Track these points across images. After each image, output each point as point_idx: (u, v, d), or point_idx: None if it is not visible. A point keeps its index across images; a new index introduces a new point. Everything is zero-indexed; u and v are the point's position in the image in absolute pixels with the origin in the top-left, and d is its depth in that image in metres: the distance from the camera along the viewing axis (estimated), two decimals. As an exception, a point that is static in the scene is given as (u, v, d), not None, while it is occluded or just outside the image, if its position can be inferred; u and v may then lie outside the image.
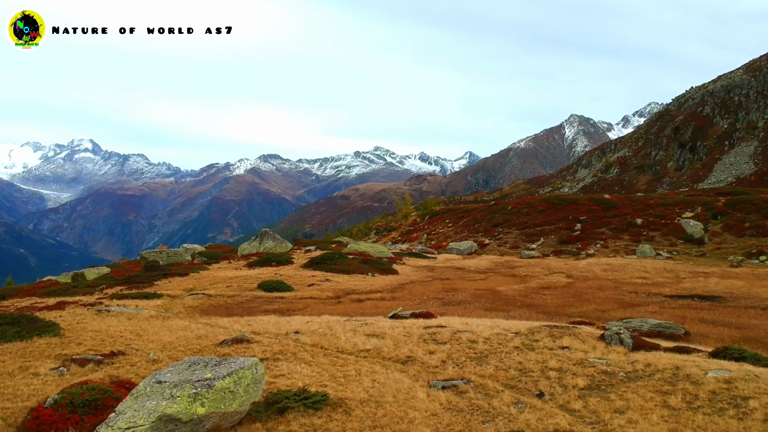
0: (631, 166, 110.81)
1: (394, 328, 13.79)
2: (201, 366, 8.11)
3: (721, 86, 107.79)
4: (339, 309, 18.89)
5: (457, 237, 46.03)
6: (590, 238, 38.25)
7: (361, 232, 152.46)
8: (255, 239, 34.53)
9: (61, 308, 17.41)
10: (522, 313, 18.43)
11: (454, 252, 40.28)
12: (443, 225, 54.64)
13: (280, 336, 13.17)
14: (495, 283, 25.50)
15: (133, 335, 13.17)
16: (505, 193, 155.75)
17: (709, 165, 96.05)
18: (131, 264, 33.17)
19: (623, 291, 23.18)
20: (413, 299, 21.10)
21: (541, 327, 13.65)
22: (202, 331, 13.75)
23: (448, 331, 13.25)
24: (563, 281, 26.10)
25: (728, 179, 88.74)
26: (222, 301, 20.40)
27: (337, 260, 28.13)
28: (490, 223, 45.81)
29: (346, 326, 14.18)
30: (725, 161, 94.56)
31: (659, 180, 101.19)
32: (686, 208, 39.93)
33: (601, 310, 18.80)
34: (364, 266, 27.81)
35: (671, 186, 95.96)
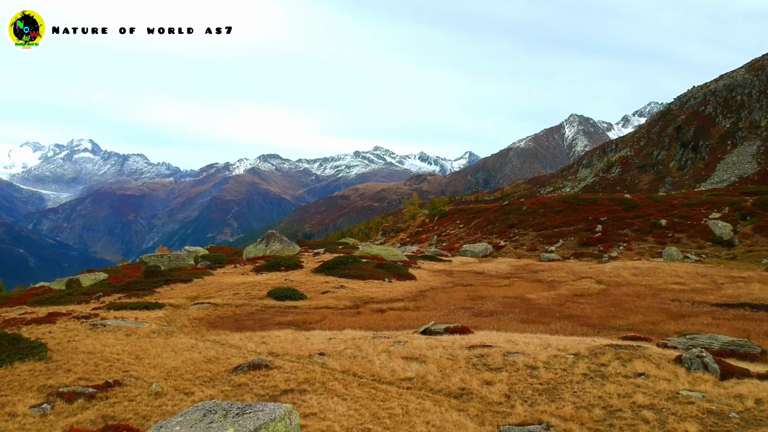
0: (633, 166, 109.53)
1: (433, 348, 11.97)
2: (219, 417, 6.27)
3: (723, 85, 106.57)
4: (360, 321, 17.05)
5: (470, 239, 44.16)
6: (612, 240, 36.41)
7: (361, 232, 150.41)
8: (261, 242, 32.66)
9: (52, 321, 15.57)
10: (564, 326, 16.62)
11: (468, 254, 38.45)
12: (454, 226, 52.55)
13: (302, 359, 11.34)
14: (522, 290, 23.65)
15: (131, 357, 11.33)
16: (506, 192, 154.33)
17: (711, 164, 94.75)
18: (130, 268, 31.26)
19: (664, 299, 21.35)
20: (439, 309, 19.26)
21: (603, 347, 11.83)
22: (211, 351, 11.91)
23: (496, 352, 11.43)
24: (595, 287, 24.26)
25: (731, 179, 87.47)
26: (230, 311, 18.55)
27: (350, 265, 26.27)
28: (504, 224, 43.96)
29: (376, 345, 12.35)
30: (728, 161, 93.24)
31: (661, 180, 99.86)
32: (712, 209, 38.07)
33: (651, 323, 16.98)
34: (380, 271, 25.97)
35: (673, 186, 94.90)
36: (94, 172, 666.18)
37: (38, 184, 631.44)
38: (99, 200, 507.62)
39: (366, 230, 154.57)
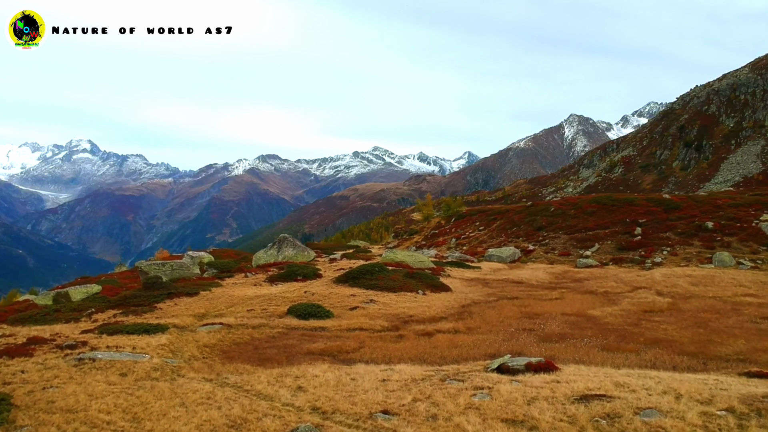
0: (636, 166, 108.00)
1: (533, 401, 8.89)
2: None
3: (726, 84, 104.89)
4: (407, 349, 13.99)
5: (493, 242, 40.99)
6: (654, 244, 33.30)
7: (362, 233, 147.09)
8: (272, 247, 29.40)
9: (29, 354, 12.49)
10: (657, 354, 13.61)
11: (494, 260, 35.39)
12: (473, 228, 49.07)
13: (361, 421, 8.26)
14: (579, 305, 20.59)
15: (127, 420, 8.24)
16: (507, 193, 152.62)
17: (715, 164, 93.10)
18: (128, 277, 28.06)
19: (751, 316, 18.30)
20: (494, 331, 16.19)
21: (761, 398, 8.78)
22: (234, 407, 8.82)
23: (623, 408, 8.36)
24: (660, 301, 21.19)
25: (735, 179, 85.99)
26: (247, 335, 15.45)
27: (377, 274, 23.05)
28: (531, 227, 40.71)
29: (452, 395, 9.29)
30: (732, 160, 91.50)
31: (665, 179, 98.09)
32: (763, 209, 34.96)
33: (763, 350, 13.93)
34: (411, 282, 22.82)
35: (677, 186, 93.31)
36: (93, 172, 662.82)
37: (37, 184, 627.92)
38: (98, 201, 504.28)
39: (367, 230, 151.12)
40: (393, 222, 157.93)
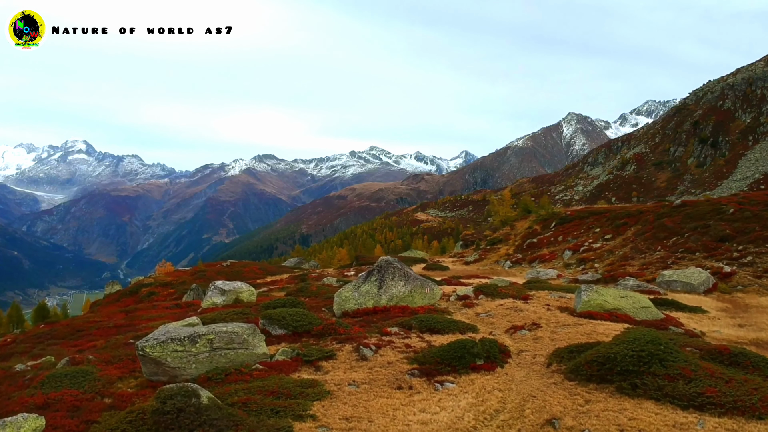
0: (649, 163, 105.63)
1: None
2: None
3: (741, 79, 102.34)
4: None
5: (642, 257, 29.72)
6: None
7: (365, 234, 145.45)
8: (368, 279, 15.97)
9: None
10: None
11: (678, 287, 23.51)
12: (592, 235, 37.11)
13: None
14: None
15: None
16: (513, 192, 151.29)
17: (732, 161, 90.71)
18: (117, 365, 10.72)
19: None
20: None
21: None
22: None
23: None
24: None
25: (755, 176, 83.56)
26: None
27: (666, 362, 8.72)
28: (707, 236, 28.96)
29: None
30: (750, 157, 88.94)
31: (680, 177, 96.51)
32: None
33: None
34: (709, 378, 8.45)
35: (693, 184, 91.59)
36: (89, 173, 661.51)
37: (32, 185, 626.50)
38: (93, 201, 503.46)
39: (370, 231, 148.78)
40: (396, 222, 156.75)
